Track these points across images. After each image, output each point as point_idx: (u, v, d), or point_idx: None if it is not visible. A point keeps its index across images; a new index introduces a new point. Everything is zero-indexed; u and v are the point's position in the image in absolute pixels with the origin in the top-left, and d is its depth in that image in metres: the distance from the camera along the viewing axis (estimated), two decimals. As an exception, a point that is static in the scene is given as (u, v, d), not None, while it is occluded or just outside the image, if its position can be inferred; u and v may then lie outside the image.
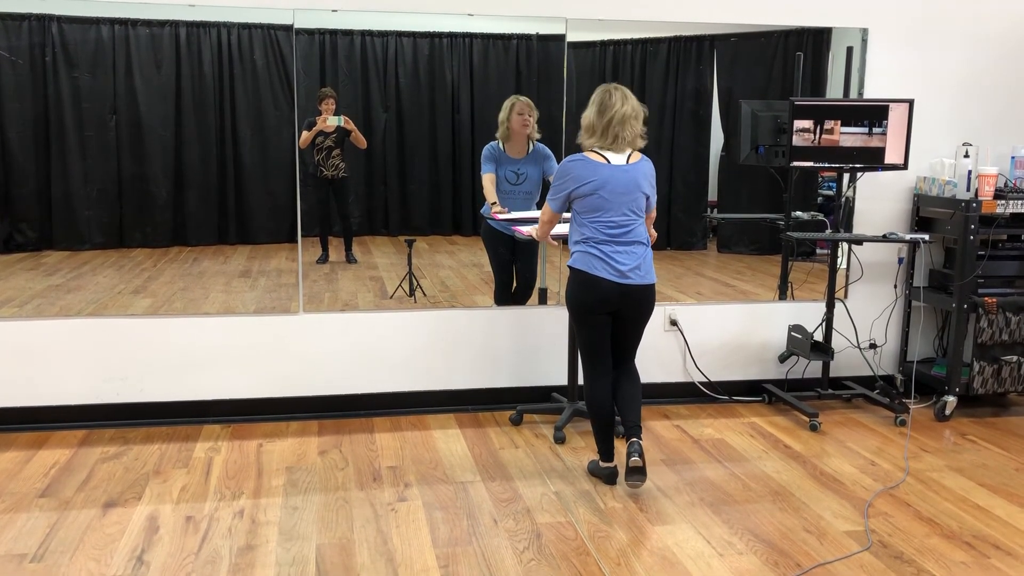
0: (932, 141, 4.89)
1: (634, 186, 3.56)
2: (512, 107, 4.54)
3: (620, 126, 3.54)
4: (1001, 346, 4.67)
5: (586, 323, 3.63)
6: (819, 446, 4.24)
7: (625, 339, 3.70)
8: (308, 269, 4.52)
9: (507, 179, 4.61)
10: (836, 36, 4.74)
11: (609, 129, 3.54)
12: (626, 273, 3.54)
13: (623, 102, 3.55)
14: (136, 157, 4.29)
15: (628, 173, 3.55)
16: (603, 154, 3.56)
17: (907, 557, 3.16)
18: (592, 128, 3.59)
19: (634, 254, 3.56)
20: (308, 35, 4.30)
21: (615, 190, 3.53)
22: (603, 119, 3.54)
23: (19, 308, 4.27)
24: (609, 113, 3.53)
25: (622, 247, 3.55)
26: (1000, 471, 3.97)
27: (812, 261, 5.09)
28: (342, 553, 3.12)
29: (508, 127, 4.54)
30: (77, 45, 4.15)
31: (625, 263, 3.54)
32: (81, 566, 3.00)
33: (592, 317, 3.61)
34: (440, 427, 4.42)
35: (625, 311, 3.61)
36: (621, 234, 3.55)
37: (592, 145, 3.59)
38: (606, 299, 3.56)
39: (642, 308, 3.64)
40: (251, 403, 4.50)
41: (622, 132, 3.54)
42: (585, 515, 3.45)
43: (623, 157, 3.57)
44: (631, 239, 3.56)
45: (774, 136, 4.71)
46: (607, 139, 3.55)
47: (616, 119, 3.53)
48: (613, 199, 3.53)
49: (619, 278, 3.53)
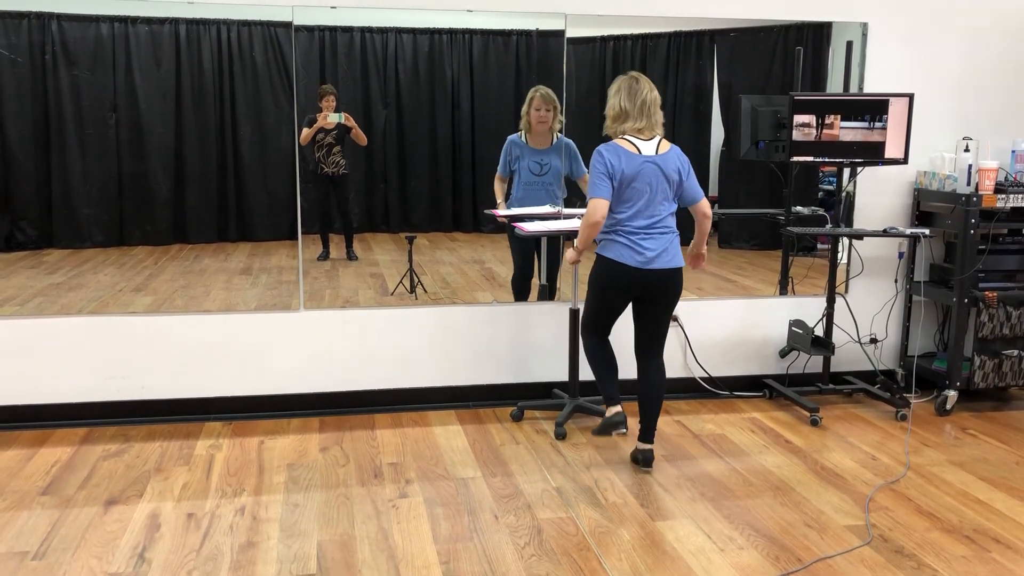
0: (932, 135, 4.88)
1: (664, 176, 3.63)
2: (531, 101, 4.55)
3: (653, 107, 3.66)
4: (1002, 340, 4.66)
5: (603, 302, 3.78)
6: (820, 441, 4.24)
7: (652, 325, 3.76)
8: (309, 266, 4.52)
9: (530, 170, 4.61)
10: (836, 31, 4.74)
11: (644, 110, 3.64)
12: (652, 259, 3.62)
13: (650, 88, 3.67)
14: (136, 155, 4.29)
15: (659, 163, 3.63)
16: (634, 143, 3.62)
17: (908, 551, 3.16)
18: (623, 113, 3.66)
19: (662, 239, 3.65)
20: (308, 32, 4.30)
21: (646, 180, 3.61)
22: (635, 101, 3.64)
23: (20, 306, 4.27)
24: (640, 96, 3.64)
25: (647, 234, 3.63)
26: (1001, 465, 3.97)
27: (812, 256, 5.09)
28: (343, 549, 3.13)
29: (528, 120, 4.56)
30: (77, 43, 4.15)
31: (652, 248, 3.63)
32: (83, 564, 3.01)
33: (613, 301, 3.75)
34: (441, 423, 4.43)
35: (650, 294, 3.69)
36: (650, 224, 3.64)
37: (625, 131, 3.65)
38: (630, 286, 3.68)
39: (667, 292, 3.71)
40: (252, 400, 4.51)
41: (655, 115, 3.66)
42: (586, 511, 3.45)
43: (653, 146, 3.64)
44: (660, 227, 3.65)
45: (774, 131, 4.71)
46: (642, 120, 3.64)
47: (649, 101, 3.64)
48: (644, 189, 3.61)
49: (644, 264, 3.62)
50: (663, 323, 3.78)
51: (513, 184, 4.64)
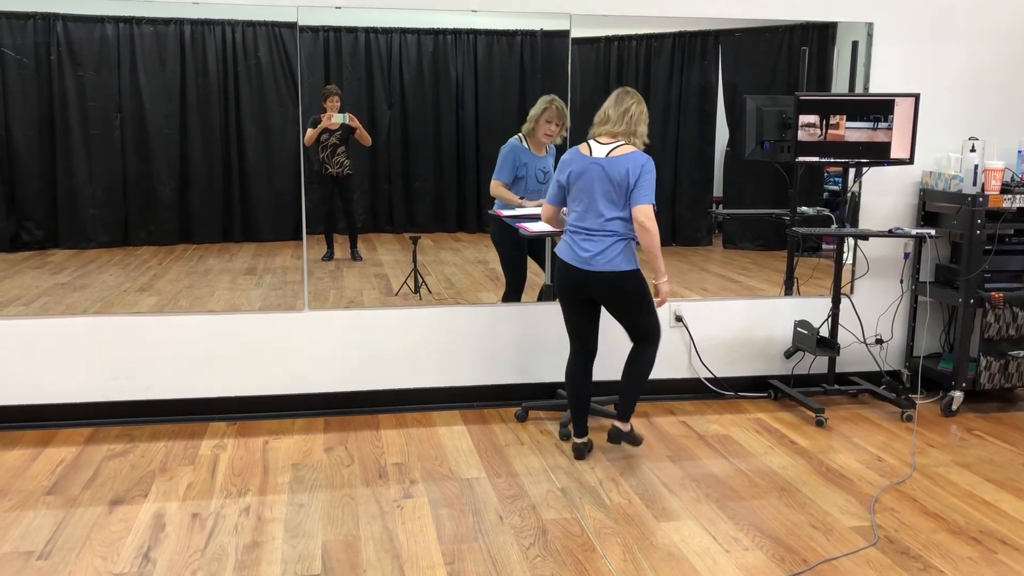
0: (938, 136, 4.87)
1: (608, 178, 3.66)
2: (544, 111, 4.49)
3: (634, 118, 3.72)
4: (1008, 341, 4.65)
5: (563, 305, 3.88)
6: (825, 442, 4.23)
7: (622, 321, 3.84)
8: (313, 266, 4.52)
9: (536, 178, 4.59)
10: (841, 31, 4.73)
11: (622, 118, 3.72)
12: (588, 260, 3.68)
13: (637, 102, 3.75)
14: (141, 155, 4.30)
15: (603, 166, 3.67)
16: (591, 145, 3.74)
17: (914, 552, 3.15)
18: (602, 119, 3.79)
19: (601, 242, 3.68)
20: (312, 32, 4.30)
21: (589, 180, 3.69)
22: (618, 109, 3.74)
23: (25, 306, 4.28)
24: (623, 105, 3.73)
25: (588, 235, 3.70)
26: (1007, 466, 3.96)
27: (818, 256, 5.08)
28: (348, 550, 3.12)
29: (535, 127, 4.52)
30: (82, 43, 4.15)
31: (588, 249, 3.69)
32: (88, 563, 3.01)
33: (566, 300, 3.85)
34: (445, 424, 4.43)
35: (599, 296, 3.77)
36: (594, 226, 3.69)
37: (592, 134, 3.80)
38: (573, 284, 3.76)
39: (610, 293, 3.74)
40: (257, 400, 4.51)
41: (630, 125, 3.71)
42: (591, 511, 3.44)
43: (606, 149, 3.69)
44: (604, 231, 3.68)
45: (779, 131, 4.70)
46: (617, 125, 3.71)
47: (633, 112, 3.72)
48: (588, 189, 3.69)
49: (582, 264, 3.70)
50: (629, 319, 3.81)
51: (515, 191, 4.59)
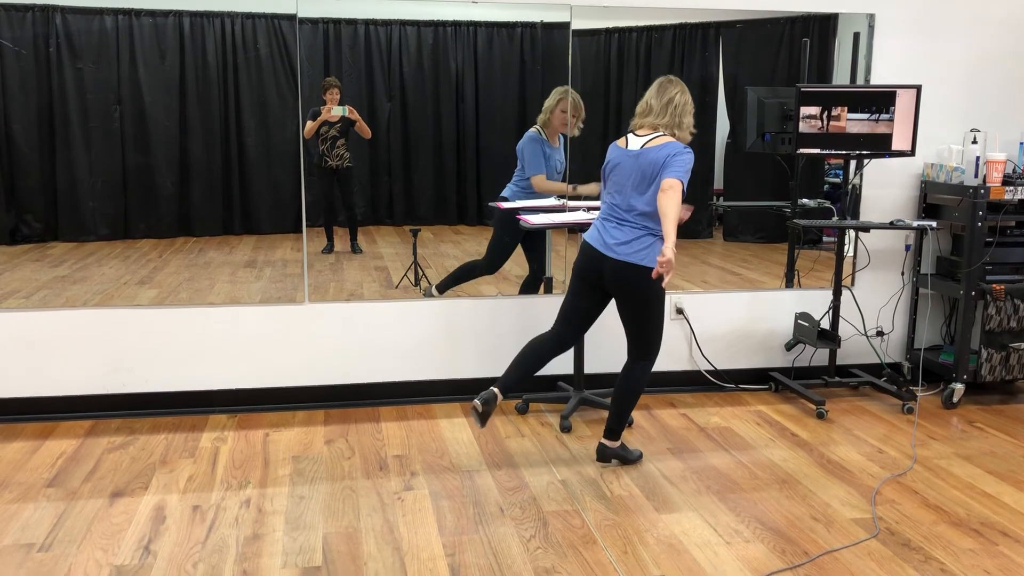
0: (940, 127, 4.86)
1: (639, 169, 3.63)
2: (558, 103, 4.50)
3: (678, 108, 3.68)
4: (1009, 333, 4.64)
5: (571, 287, 3.83)
6: (826, 434, 4.23)
7: (624, 322, 3.73)
8: (313, 259, 4.51)
9: (556, 169, 4.59)
10: (842, 22, 4.71)
11: (665, 109, 3.69)
12: (613, 247, 3.64)
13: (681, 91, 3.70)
14: (141, 148, 4.29)
15: (636, 157, 3.65)
16: (628, 137, 3.73)
17: (915, 544, 3.15)
18: (644, 109, 3.75)
19: (630, 232, 3.64)
20: (312, 24, 4.29)
21: (623, 172, 3.67)
22: (661, 99, 3.70)
23: (25, 299, 4.27)
24: (667, 95, 3.69)
25: (619, 223, 3.67)
26: (1008, 458, 3.96)
27: (819, 249, 5.07)
28: (349, 542, 3.12)
29: (549, 118, 4.52)
30: (81, 36, 4.14)
31: (616, 237, 3.65)
32: (88, 556, 3.01)
33: (577, 282, 3.80)
34: (446, 416, 4.43)
35: (610, 286, 3.70)
36: (622, 215, 3.66)
37: (631, 126, 3.78)
38: (591, 268, 3.71)
39: (624, 287, 3.64)
40: (257, 393, 4.50)
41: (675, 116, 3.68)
42: (591, 503, 3.44)
43: (641, 141, 3.67)
44: (631, 220, 3.64)
45: (780, 123, 4.69)
46: (661, 117, 3.68)
47: (677, 102, 3.68)
48: (621, 181, 3.67)
49: (605, 249, 3.66)
50: (635, 322, 3.68)
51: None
